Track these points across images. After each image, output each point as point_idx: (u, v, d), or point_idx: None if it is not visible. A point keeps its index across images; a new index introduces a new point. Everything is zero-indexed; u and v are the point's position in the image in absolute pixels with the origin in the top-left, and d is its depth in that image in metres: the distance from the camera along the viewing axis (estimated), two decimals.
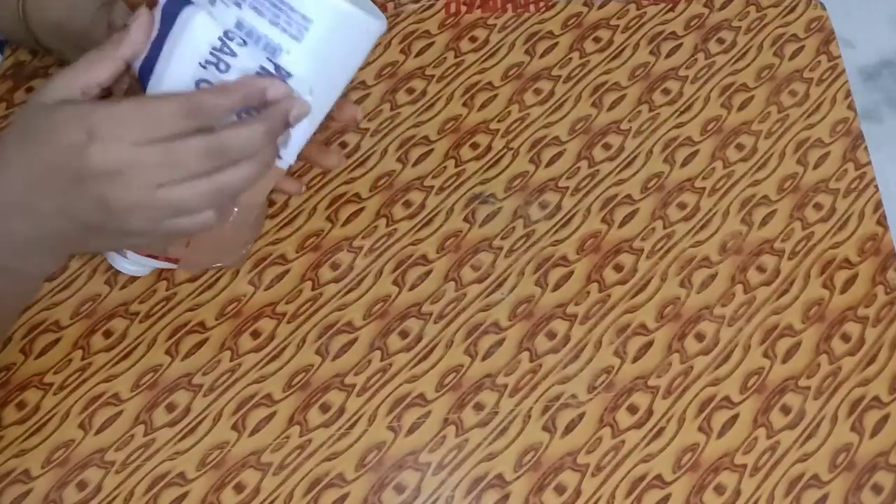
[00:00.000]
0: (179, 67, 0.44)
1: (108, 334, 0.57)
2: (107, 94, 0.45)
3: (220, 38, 0.43)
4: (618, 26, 0.69)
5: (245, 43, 0.43)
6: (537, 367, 0.57)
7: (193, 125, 0.42)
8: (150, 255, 0.52)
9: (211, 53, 0.43)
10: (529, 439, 0.54)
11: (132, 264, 0.54)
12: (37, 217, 0.44)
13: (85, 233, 0.44)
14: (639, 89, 0.66)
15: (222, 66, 0.44)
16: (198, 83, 0.44)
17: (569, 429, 0.55)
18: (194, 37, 0.43)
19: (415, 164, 0.63)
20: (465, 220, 0.61)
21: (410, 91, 0.66)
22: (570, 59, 0.68)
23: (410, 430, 0.55)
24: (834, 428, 0.55)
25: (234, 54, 0.43)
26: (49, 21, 0.58)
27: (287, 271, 0.59)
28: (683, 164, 0.63)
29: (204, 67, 0.44)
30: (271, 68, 0.44)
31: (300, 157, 0.48)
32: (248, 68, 0.44)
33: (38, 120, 0.43)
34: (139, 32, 0.44)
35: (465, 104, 0.66)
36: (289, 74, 0.44)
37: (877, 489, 0.53)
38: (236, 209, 0.49)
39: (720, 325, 0.58)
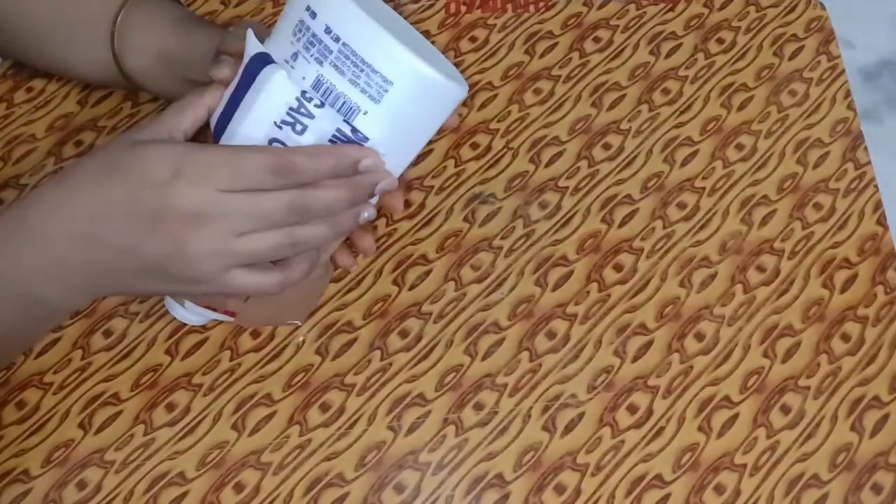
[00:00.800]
0: (254, 125, 0.43)
1: (107, 334, 0.57)
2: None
3: (298, 99, 0.43)
4: (618, 26, 0.69)
5: (322, 104, 0.43)
6: (537, 367, 0.57)
7: (280, 182, 0.42)
8: (208, 307, 0.51)
9: (288, 114, 0.43)
10: (529, 439, 0.54)
11: (190, 313, 0.52)
12: (100, 251, 0.43)
13: (146, 274, 0.44)
14: (639, 89, 0.66)
15: (298, 128, 0.43)
16: (270, 142, 0.44)
17: (568, 428, 0.55)
18: (272, 96, 0.43)
19: (415, 164, 0.63)
20: (465, 219, 0.61)
21: None
22: (570, 59, 0.68)
23: (410, 430, 0.55)
24: (834, 428, 0.55)
25: (311, 116, 0.43)
26: (159, 54, 0.56)
27: None
28: (683, 164, 0.63)
29: (279, 127, 0.43)
30: (348, 131, 0.43)
31: None
32: (325, 131, 0.43)
33: (123, 155, 0.42)
34: (220, 87, 0.44)
35: (465, 104, 0.66)
36: (365, 138, 0.44)
37: (877, 489, 0.53)
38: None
39: (720, 325, 0.58)
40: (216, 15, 0.69)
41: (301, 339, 0.57)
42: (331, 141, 0.44)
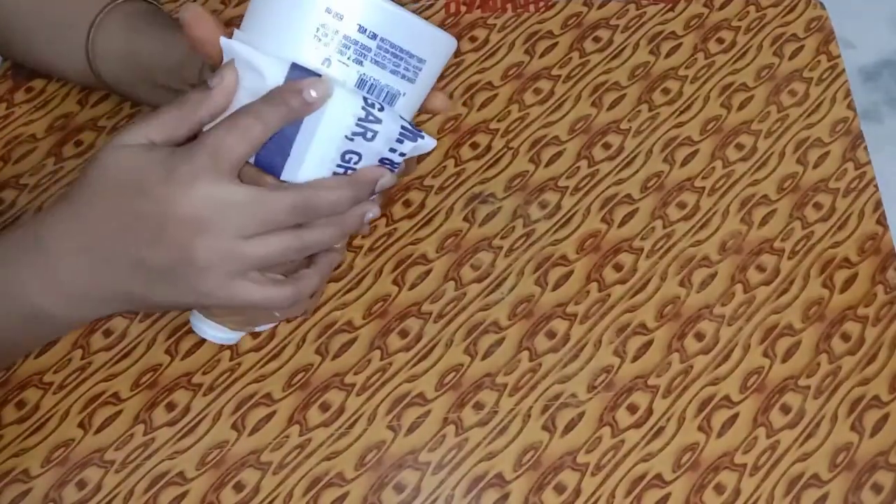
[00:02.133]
0: (324, 144, 0.43)
1: (107, 333, 0.57)
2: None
3: (364, 108, 0.42)
4: (617, 26, 0.69)
5: (382, 108, 0.43)
6: (537, 367, 0.56)
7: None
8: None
9: (357, 125, 0.42)
10: (529, 438, 0.54)
11: (221, 332, 0.51)
12: (109, 265, 0.43)
13: (153, 285, 0.43)
14: (638, 89, 0.66)
15: (369, 135, 0.43)
16: (343, 155, 0.43)
17: (568, 428, 0.55)
18: (337, 111, 0.42)
19: None
20: (465, 219, 0.61)
21: None
22: (570, 58, 0.68)
23: (410, 430, 0.55)
24: (834, 427, 0.55)
25: (378, 121, 0.43)
26: (129, 58, 0.55)
27: None
28: (683, 164, 0.63)
29: (351, 140, 0.43)
30: (409, 126, 0.44)
31: None
32: (392, 131, 0.43)
33: (120, 163, 0.42)
34: (222, 97, 0.43)
35: (464, 104, 0.66)
36: (421, 134, 0.45)
37: (877, 488, 0.53)
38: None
39: (720, 325, 0.58)
40: (217, 15, 0.69)
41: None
42: (397, 140, 0.44)
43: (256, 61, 0.42)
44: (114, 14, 0.56)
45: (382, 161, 0.45)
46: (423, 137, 0.45)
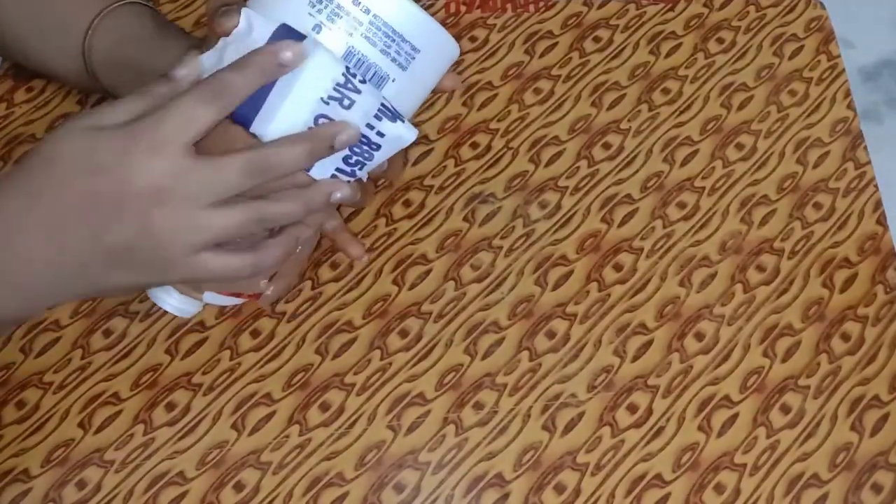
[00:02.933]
0: (298, 103, 0.43)
1: (107, 333, 0.57)
2: None
3: (345, 74, 0.42)
4: (617, 26, 0.69)
5: (364, 80, 0.43)
6: (537, 367, 0.57)
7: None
8: (233, 294, 0.50)
9: (335, 89, 0.42)
10: (529, 438, 0.54)
11: (182, 303, 0.50)
12: (64, 247, 0.42)
13: (114, 265, 0.42)
14: (638, 89, 0.66)
15: (346, 103, 0.43)
16: (316, 119, 0.43)
17: (568, 428, 0.55)
18: (319, 71, 0.42)
19: (415, 164, 0.63)
20: (465, 219, 0.61)
21: None
22: (570, 58, 0.68)
23: (410, 430, 0.55)
24: (834, 427, 0.55)
25: (358, 91, 0.43)
26: (125, 62, 0.55)
27: None
28: (683, 164, 0.63)
29: (326, 103, 0.43)
30: (390, 106, 0.44)
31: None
32: (371, 105, 0.43)
33: (74, 144, 0.41)
34: (187, 83, 0.43)
35: (464, 104, 0.66)
36: (402, 116, 0.44)
37: (876, 488, 0.53)
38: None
39: (720, 325, 0.58)
40: None
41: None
42: (375, 116, 0.44)
43: (246, 18, 0.43)
44: (111, 17, 0.56)
45: (360, 139, 0.45)
46: (403, 121, 0.45)
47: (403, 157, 0.52)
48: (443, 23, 0.69)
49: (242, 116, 0.43)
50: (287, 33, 0.43)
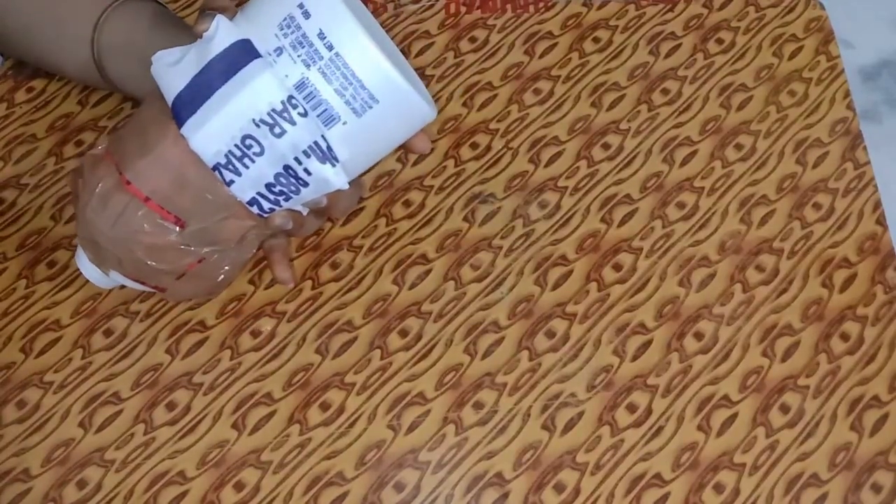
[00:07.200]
0: (230, 118, 0.43)
1: (108, 333, 0.57)
2: None
3: (284, 103, 0.42)
4: (617, 26, 0.69)
5: (305, 114, 0.42)
6: (536, 366, 0.57)
7: None
8: (138, 280, 0.50)
9: (269, 114, 0.42)
10: (528, 438, 0.55)
11: (99, 274, 0.51)
12: None
13: None
14: (638, 89, 0.67)
15: (277, 130, 0.43)
16: (243, 138, 0.43)
17: (568, 427, 0.55)
18: (258, 93, 0.42)
19: (414, 164, 0.63)
20: (465, 219, 0.61)
21: None
22: (570, 59, 0.68)
23: (410, 429, 0.55)
24: (833, 427, 0.55)
25: (293, 122, 0.43)
26: (133, 54, 0.56)
27: None
28: (682, 164, 0.64)
29: (257, 126, 0.43)
30: (324, 147, 0.43)
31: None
32: (302, 140, 0.43)
33: None
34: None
35: (464, 104, 0.66)
36: (336, 160, 0.44)
37: (876, 488, 0.53)
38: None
39: (719, 324, 0.58)
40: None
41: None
42: (304, 152, 0.44)
43: (215, 25, 0.43)
44: (120, 11, 0.56)
45: (286, 168, 0.44)
46: (334, 165, 0.44)
47: (355, 201, 0.52)
48: (442, 24, 0.69)
49: (178, 115, 0.43)
50: (242, 49, 0.42)
